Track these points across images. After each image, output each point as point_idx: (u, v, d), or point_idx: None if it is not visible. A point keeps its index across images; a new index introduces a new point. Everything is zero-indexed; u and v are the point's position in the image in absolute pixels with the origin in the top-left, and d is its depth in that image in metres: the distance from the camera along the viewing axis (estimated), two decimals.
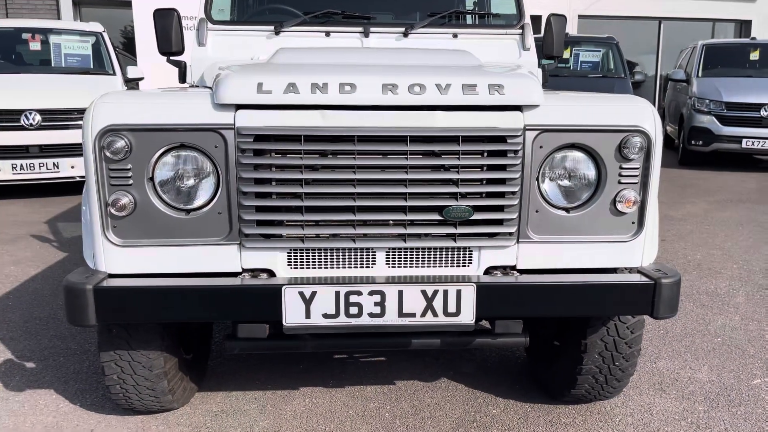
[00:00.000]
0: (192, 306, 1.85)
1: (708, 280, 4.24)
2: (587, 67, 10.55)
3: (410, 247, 1.97)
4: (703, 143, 9.41)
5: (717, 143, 9.28)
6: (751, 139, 9.13)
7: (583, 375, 2.34)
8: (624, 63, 10.11)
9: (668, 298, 1.95)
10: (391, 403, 2.55)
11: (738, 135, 9.19)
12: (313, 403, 2.55)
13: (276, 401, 2.56)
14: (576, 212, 2.00)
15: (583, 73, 10.27)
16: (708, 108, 9.48)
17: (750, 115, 9.15)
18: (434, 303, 1.90)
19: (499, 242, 1.98)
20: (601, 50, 10.55)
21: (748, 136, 9.13)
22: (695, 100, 9.66)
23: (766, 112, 9.09)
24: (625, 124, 1.95)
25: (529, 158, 1.94)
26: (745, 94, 9.34)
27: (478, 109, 1.92)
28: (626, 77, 9.81)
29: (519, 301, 1.94)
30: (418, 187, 1.91)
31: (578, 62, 10.66)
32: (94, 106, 1.84)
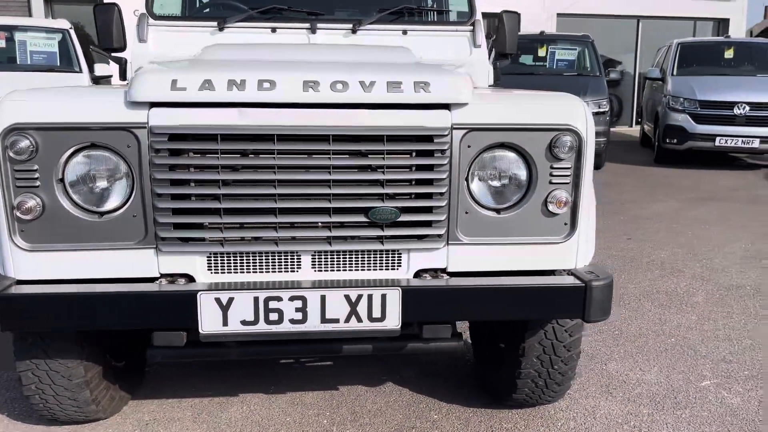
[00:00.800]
0: (103, 313, 1.78)
1: (669, 280, 4.21)
2: (563, 66, 10.54)
3: (337, 250, 1.91)
4: (677, 141, 9.43)
5: (691, 141, 9.30)
6: (724, 137, 9.15)
7: (523, 379, 2.28)
8: (599, 61, 10.12)
9: (599, 301, 1.90)
10: (331, 410, 2.49)
11: (711, 133, 9.21)
12: (251, 410, 2.48)
13: (212, 409, 2.49)
14: (507, 213, 1.95)
15: (558, 71, 10.26)
16: (682, 106, 9.50)
17: (723, 114, 9.18)
18: (358, 308, 1.84)
19: (428, 244, 1.92)
20: (576, 48, 10.55)
21: (721, 134, 9.15)
22: (670, 99, 9.68)
23: (739, 111, 9.11)
24: (555, 123, 1.90)
25: (457, 158, 1.88)
26: (718, 93, 9.37)
27: (404, 107, 1.86)
28: (601, 75, 9.81)
29: (446, 305, 1.88)
30: (343, 188, 1.85)
31: (554, 60, 10.65)
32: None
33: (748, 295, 3.91)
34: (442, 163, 1.86)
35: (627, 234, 5.43)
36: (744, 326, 3.41)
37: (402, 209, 1.88)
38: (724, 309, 3.68)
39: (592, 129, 1.94)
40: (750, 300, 3.83)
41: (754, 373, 2.85)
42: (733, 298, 3.85)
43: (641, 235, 5.38)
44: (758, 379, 2.79)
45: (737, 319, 3.52)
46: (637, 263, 4.59)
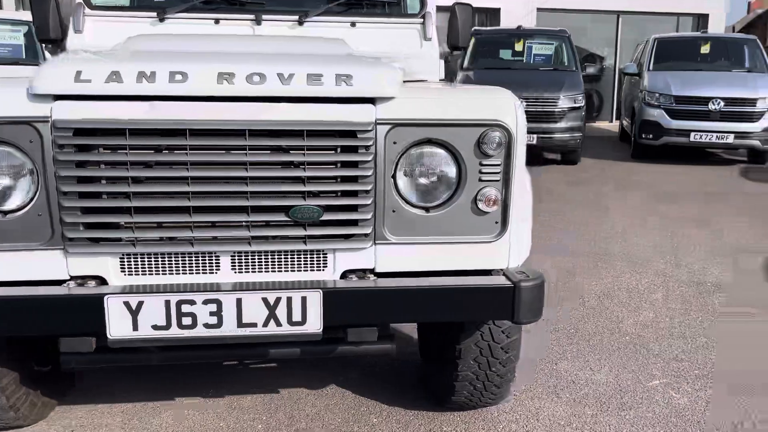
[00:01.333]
0: (3, 319, 1.68)
1: (632, 277, 4.18)
2: (540, 60, 10.49)
3: (258, 251, 1.83)
4: (653, 137, 9.42)
5: (666, 137, 9.29)
6: (699, 132, 9.15)
7: (460, 381, 2.22)
8: (576, 56, 10.08)
9: (529, 301, 1.84)
10: (268, 414, 2.41)
11: (686, 128, 9.20)
12: (185, 415, 2.40)
13: (144, 414, 2.40)
14: (436, 212, 1.88)
15: (535, 66, 10.21)
16: (658, 102, 9.49)
17: (698, 109, 9.17)
18: (277, 311, 1.76)
19: (354, 244, 1.84)
20: (553, 43, 10.50)
21: (695, 129, 9.15)
22: (646, 94, 9.67)
23: (713, 106, 9.12)
24: (484, 118, 1.83)
25: (382, 155, 1.80)
26: (693, 88, 9.36)
27: (325, 101, 1.78)
28: (577, 70, 9.77)
29: (370, 307, 1.81)
30: (261, 186, 1.77)
31: (531, 55, 10.60)
32: None
33: (708, 292, 3.88)
34: (366, 159, 1.79)
35: (596, 230, 5.40)
36: (700, 324, 3.38)
37: (325, 208, 1.81)
38: (682, 306, 3.64)
39: (522, 124, 1.88)
40: (709, 297, 3.80)
41: (705, 372, 2.81)
42: (693, 295, 3.82)
43: (609, 231, 5.34)
44: (708, 379, 2.75)
45: (694, 316, 3.49)
46: (602, 260, 4.55)
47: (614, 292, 3.88)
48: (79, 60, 1.76)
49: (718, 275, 4.20)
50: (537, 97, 8.73)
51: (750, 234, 5.30)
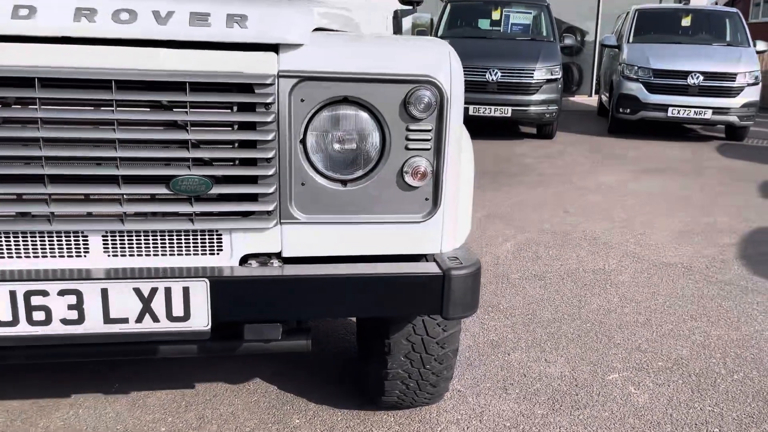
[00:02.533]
0: None
1: (599, 257, 3.93)
2: (517, 30, 10.13)
3: (135, 230, 1.51)
4: (630, 111, 9.15)
5: (644, 111, 9.03)
6: (677, 107, 8.90)
7: (391, 380, 1.94)
8: (554, 27, 9.73)
9: (461, 293, 1.56)
10: (175, 415, 2.12)
11: (664, 103, 8.94)
12: (78, 415, 2.09)
13: (33, 413, 2.09)
14: (355, 185, 1.57)
15: (512, 35, 9.85)
16: (636, 75, 9.21)
17: (676, 83, 8.91)
18: (153, 304, 1.45)
19: (254, 223, 1.53)
20: (532, 12, 10.14)
21: (673, 104, 8.90)
22: (624, 67, 9.38)
23: (692, 80, 8.87)
24: (411, 74, 1.52)
25: (287, 115, 1.48)
26: (672, 61, 9.09)
27: (215, 47, 1.45)
28: (555, 41, 9.44)
29: (270, 300, 1.51)
30: (135, 151, 1.44)
31: (509, 24, 10.25)
32: None
33: (678, 274, 3.64)
34: (265, 120, 1.47)
35: (565, 207, 5.14)
36: (667, 309, 3.14)
37: (217, 179, 1.49)
38: (649, 289, 3.40)
39: (459, 82, 1.56)
40: (679, 279, 3.56)
41: (668, 364, 2.57)
42: (661, 278, 3.58)
43: (580, 209, 5.09)
44: (672, 372, 2.51)
45: (661, 300, 3.25)
46: (569, 238, 4.29)
47: (578, 273, 3.63)
48: None
49: (690, 256, 3.97)
50: (512, 68, 8.40)
51: (724, 213, 5.08)
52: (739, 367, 2.57)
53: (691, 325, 2.96)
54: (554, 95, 8.64)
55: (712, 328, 2.94)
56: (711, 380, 2.46)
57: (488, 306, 3.11)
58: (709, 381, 2.45)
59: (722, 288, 3.45)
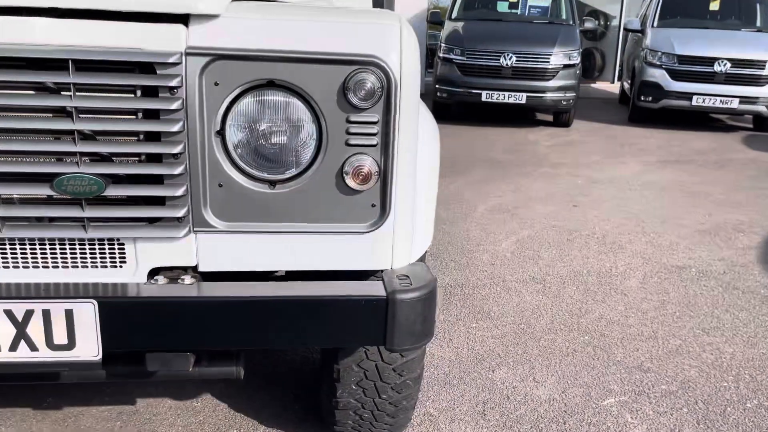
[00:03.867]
0: None
1: (606, 258, 3.62)
2: (535, 13, 9.75)
3: (18, 237, 1.26)
4: (652, 99, 8.72)
5: (666, 99, 8.59)
6: (702, 95, 8.45)
7: (342, 410, 1.69)
8: (574, 9, 9.30)
9: (408, 321, 1.29)
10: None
11: (688, 91, 8.50)
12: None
13: None
14: (285, 187, 1.30)
15: (529, 18, 9.45)
16: (660, 61, 8.76)
17: (702, 70, 8.46)
18: (29, 330, 1.21)
19: (161, 232, 1.27)
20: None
21: (698, 92, 8.45)
22: (647, 53, 8.93)
23: (719, 67, 8.41)
24: (351, 53, 1.24)
25: (197, 101, 1.22)
26: (699, 47, 8.63)
27: (107, 16, 1.18)
28: (574, 25, 9.01)
29: (175, 326, 1.25)
30: (11, 143, 1.19)
31: (526, 6, 9.84)
32: None
33: (692, 279, 3.33)
34: (170, 107, 1.20)
35: (575, 200, 4.82)
36: (677, 320, 2.84)
37: (114, 178, 1.23)
38: (658, 297, 3.10)
39: (413, 63, 1.28)
40: (692, 286, 3.25)
41: (673, 387, 2.28)
42: (673, 283, 3.27)
43: (591, 203, 4.77)
44: (676, 397, 2.22)
45: (671, 310, 2.95)
46: (576, 236, 3.99)
47: (582, 276, 3.33)
48: None
49: (705, 258, 3.65)
50: (527, 52, 8.02)
51: (748, 211, 4.72)
52: (754, 393, 2.27)
53: (702, 341, 2.66)
54: (572, 81, 8.24)
55: (726, 344, 2.64)
56: (720, 408, 2.17)
57: (478, 312, 2.84)
58: (718, 409, 2.16)
59: (740, 297, 3.13)
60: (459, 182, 5.26)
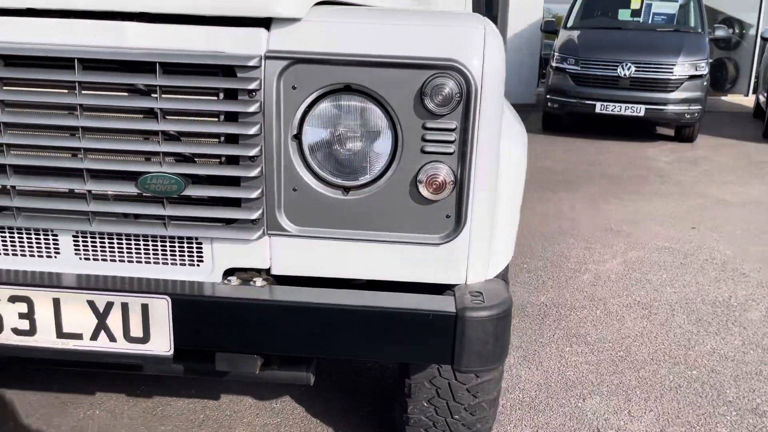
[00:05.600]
0: None
1: (724, 286, 3.30)
2: (660, 21, 9.17)
3: (107, 232, 1.32)
4: None
5: None
6: None
7: (412, 426, 1.63)
8: (703, 16, 8.66)
9: (478, 341, 1.21)
10: (185, 430, 1.95)
11: None
12: (93, 416, 1.98)
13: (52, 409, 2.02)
14: (359, 194, 1.27)
15: (652, 26, 8.93)
16: None
17: None
18: (109, 321, 1.25)
19: (236, 233, 1.28)
20: (678, 1, 9.12)
21: None
22: None
23: None
24: (430, 57, 1.19)
25: (275, 104, 1.22)
26: None
27: (193, 21, 1.21)
28: (703, 33, 8.40)
29: (243, 327, 1.26)
30: (102, 142, 1.25)
31: (650, 14, 9.30)
32: None
33: None
34: (248, 110, 1.21)
35: (694, 222, 4.46)
36: None
37: (192, 178, 1.26)
38: None
39: (497, 69, 1.21)
40: None
41: None
42: None
43: (712, 225, 4.39)
44: None
45: None
46: (691, 260, 3.68)
47: (695, 304, 3.06)
48: None
49: None
50: (648, 62, 7.56)
51: None
52: None
53: None
54: (697, 93, 7.67)
55: None
56: None
57: (573, 336, 2.68)
58: None
59: None
60: (566, 197, 5.04)
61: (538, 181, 5.45)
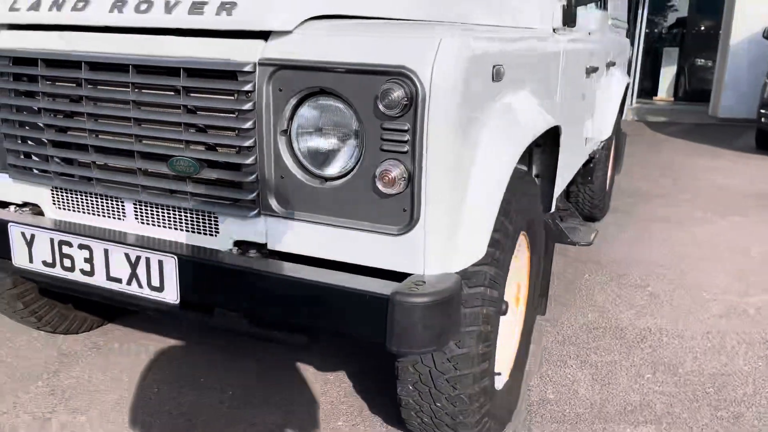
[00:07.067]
0: None
1: None
2: None
3: (148, 201, 1.66)
4: None
5: None
6: None
7: (405, 408, 1.74)
8: None
9: (406, 324, 1.30)
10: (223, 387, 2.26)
11: None
12: (178, 390, 2.39)
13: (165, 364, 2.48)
14: (333, 184, 1.45)
15: None
16: None
17: None
18: (138, 271, 1.58)
19: (238, 211, 1.54)
20: None
21: None
22: None
23: None
24: (384, 65, 1.32)
25: (266, 104, 1.44)
26: None
27: (209, 34, 1.49)
28: None
29: (227, 289, 1.50)
30: (146, 129, 1.58)
31: None
32: None
33: None
34: (243, 108, 1.45)
35: None
36: None
37: (206, 163, 1.54)
38: None
39: (449, 77, 1.30)
40: None
41: None
42: None
43: None
44: None
45: None
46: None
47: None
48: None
49: None
50: None
51: None
52: None
53: None
54: None
55: None
56: None
57: (660, 363, 2.49)
58: None
59: None
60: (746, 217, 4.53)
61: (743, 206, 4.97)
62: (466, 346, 1.58)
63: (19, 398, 2.14)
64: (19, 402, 2.12)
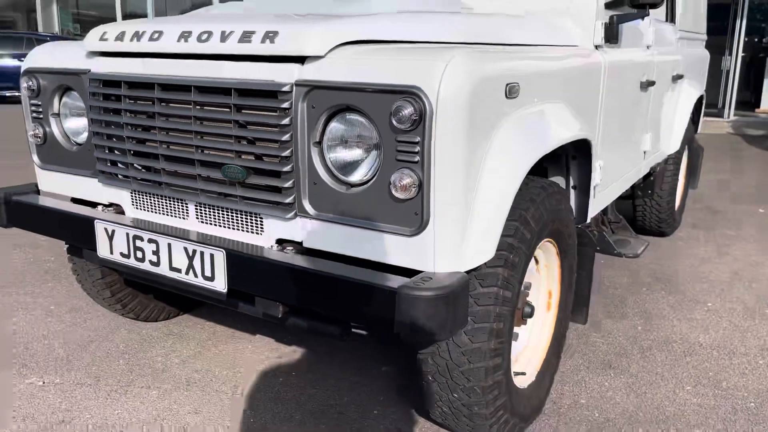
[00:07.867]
0: (47, 225, 2.20)
1: None
2: None
3: (206, 203, 1.92)
4: None
5: None
6: None
7: (426, 396, 1.89)
8: None
9: (410, 315, 1.46)
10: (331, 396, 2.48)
11: None
12: (246, 376, 2.65)
13: (226, 350, 2.75)
14: (358, 190, 1.64)
15: None
16: None
17: None
18: (194, 262, 1.84)
19: (278, 212, 1.76)
20: None
21: None
22: None
23: None
24: (397, 84, 1.49)
25: (302, 120, 1.66)
26: None
27: (256, 59, 1.73)
28: None
29: (267, 280, 1.71)
30: (204, 141, 1.84)
31: None
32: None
33: None
34: (282, 123, 1.68)
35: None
36: None
37: (253, 170, 1.77)
38: None
39: (457, 95, 1.46)
40: None
41: None
42: None
43: None
44: None
45: None
46: None
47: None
48: (112, 23, 2.09)
49: None
50: None
51: None
52: None
53: None
54: None
55: None
56: None
57: (705, 377, 2.48)
58: None
59: None
60: None
61: None
62: (478, 340, 1.72)
63: (102, 372, 2.47)
64: (102, 376, 2.45)
